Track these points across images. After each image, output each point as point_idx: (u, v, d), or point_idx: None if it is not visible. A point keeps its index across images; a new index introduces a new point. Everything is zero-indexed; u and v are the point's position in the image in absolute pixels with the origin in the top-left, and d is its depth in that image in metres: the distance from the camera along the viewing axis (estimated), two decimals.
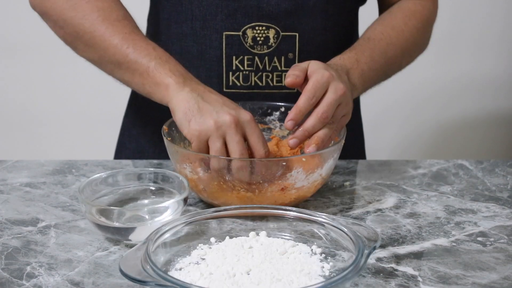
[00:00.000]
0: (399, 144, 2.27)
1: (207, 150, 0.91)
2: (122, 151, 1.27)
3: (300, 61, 1.10)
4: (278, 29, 1.10)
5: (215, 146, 0.90)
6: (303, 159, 0.92)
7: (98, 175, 0.95)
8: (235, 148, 0.90)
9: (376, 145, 2.17)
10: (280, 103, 1.08)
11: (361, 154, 1.30)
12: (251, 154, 0.92)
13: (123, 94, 1.36)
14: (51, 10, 1.06)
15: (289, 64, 1.12)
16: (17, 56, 2.17)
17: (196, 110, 0.91)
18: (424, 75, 2.16)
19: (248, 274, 0.77)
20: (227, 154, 0.90)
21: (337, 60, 1.04)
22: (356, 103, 1.26)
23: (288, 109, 1.08)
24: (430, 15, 1.18)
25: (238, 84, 1.12)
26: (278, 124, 1.09)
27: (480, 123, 2.25)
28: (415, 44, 1.16)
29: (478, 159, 1.16)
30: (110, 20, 1.02)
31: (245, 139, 0.91)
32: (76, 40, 1.05)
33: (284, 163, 0.91)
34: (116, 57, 1.01)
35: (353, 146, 1.25)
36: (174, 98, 0.94)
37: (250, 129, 0.91)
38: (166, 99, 0.95)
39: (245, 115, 0.91)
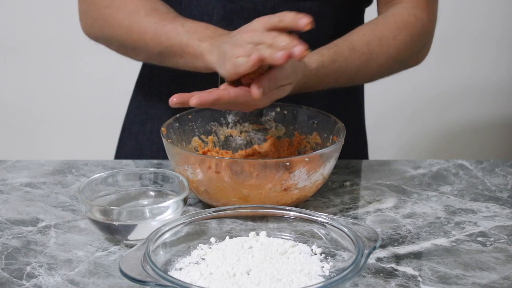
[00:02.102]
0: (401, 146, 2.27)
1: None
2: (122, 148, 1.27)
3: None
4: None
5: (246, 48, 0.91)
6: (306, 159, 0.92)
7: (98, 175, 0.95)
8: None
9: (379, 146, 2.17)
10: (275, 103, 1.07)
11: (364, 155, 1.29)
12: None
13: (123, 94, 1.36)
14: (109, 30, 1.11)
15: None
16: (17, 56, 2.17)
17: (223, 55, 0.95)
18: (426, 78, 2.16)
19: (248, 274, 0.77)
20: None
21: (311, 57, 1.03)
22: (360, 104, 1.26)
23: (283, 108, 1.08)
24: (423, 28, 1.12)
25: None
26: (273, 124, 1.08)
27: (483, 126, 2.25)
28: (398, 61, 1.11)
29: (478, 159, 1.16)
30: (139, 17, 1.06)
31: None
32: (122, 49, 1.11)
33: (287, 163, 0.91)
34: (157, 49, 1.05)
35: (356, 147, 1.24)
36: (213, 62, 0.98)
37: (270, 18, 0.93)
38: (209, 66, 0.99)
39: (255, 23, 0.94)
